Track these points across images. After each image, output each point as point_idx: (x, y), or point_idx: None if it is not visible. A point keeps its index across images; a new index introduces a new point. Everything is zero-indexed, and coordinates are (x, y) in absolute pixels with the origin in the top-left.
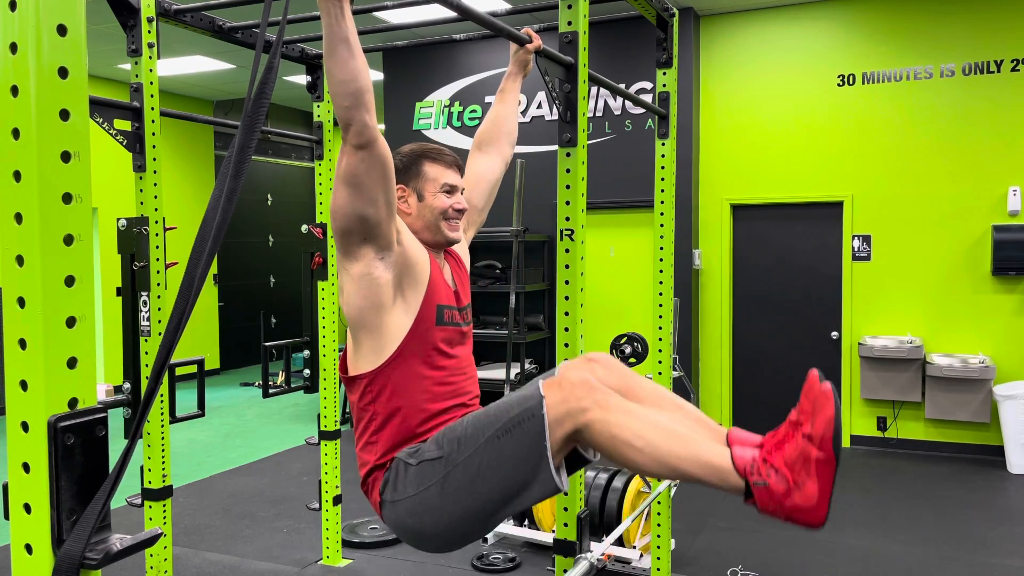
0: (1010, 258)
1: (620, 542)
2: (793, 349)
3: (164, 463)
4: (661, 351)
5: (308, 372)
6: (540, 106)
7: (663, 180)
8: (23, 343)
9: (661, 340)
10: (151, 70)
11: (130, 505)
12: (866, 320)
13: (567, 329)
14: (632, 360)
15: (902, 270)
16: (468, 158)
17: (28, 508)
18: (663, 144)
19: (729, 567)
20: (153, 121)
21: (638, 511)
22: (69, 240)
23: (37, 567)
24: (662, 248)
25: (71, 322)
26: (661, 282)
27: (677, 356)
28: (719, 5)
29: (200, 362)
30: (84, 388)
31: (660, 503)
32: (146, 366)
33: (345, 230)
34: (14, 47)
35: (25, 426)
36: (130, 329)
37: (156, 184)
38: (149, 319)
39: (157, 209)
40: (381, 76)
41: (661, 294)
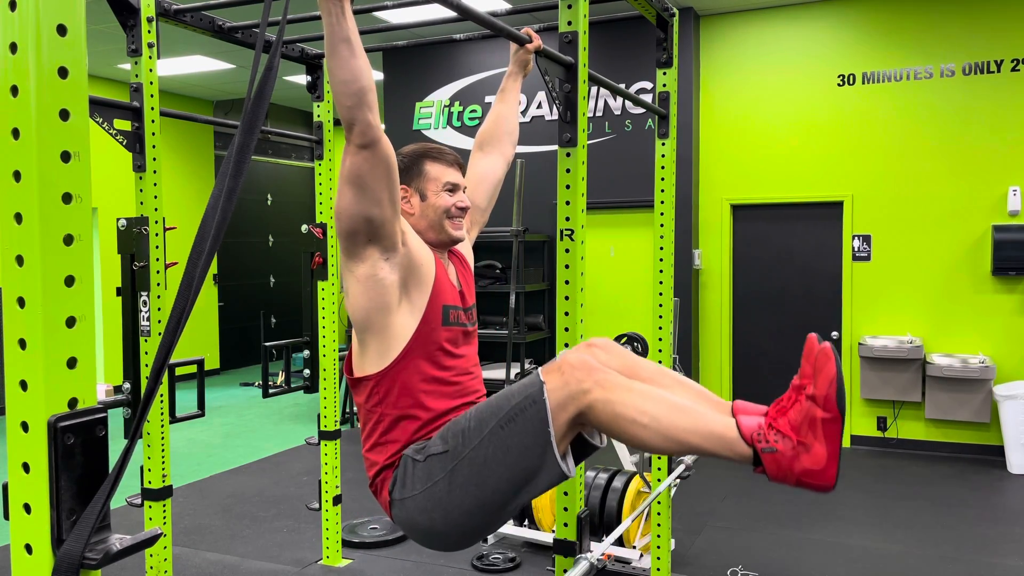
0: (1010, 258)
1: (620, 542)
2: (793, 349)
3: (164, 463)
4: (661, 351)
5: (308, 372)
6: (540, 106)
7: (663, 180)
8: (23, 343)
9: (661, 340)
10: (151, 70)
11: (130, 505)
12: (866, 320)
13: (567, 329)
14: None
15: (902, 270)
16: (470, 158)
17: (28, 508)
18: (663, 144)
19: (729, 567)
20: (153, 121)
21: (638, 511)
22: (69, 240)
23: (37, 567)
24: (662, 248)
25: (71, 322)
26: (661, 282)
27: (677, 356)
28: (719, 5)
29: (200, 362)
30: (84, 388)
31: (660, 503)
32: (146, 366)
33: (350, 231)
34: (14, 47)
35: (25, 426)
36: (130, 329)
37: (156, 184)
38: (149, 319)
39: (157, 209)
40: (381, 76)
41: (661, 294)
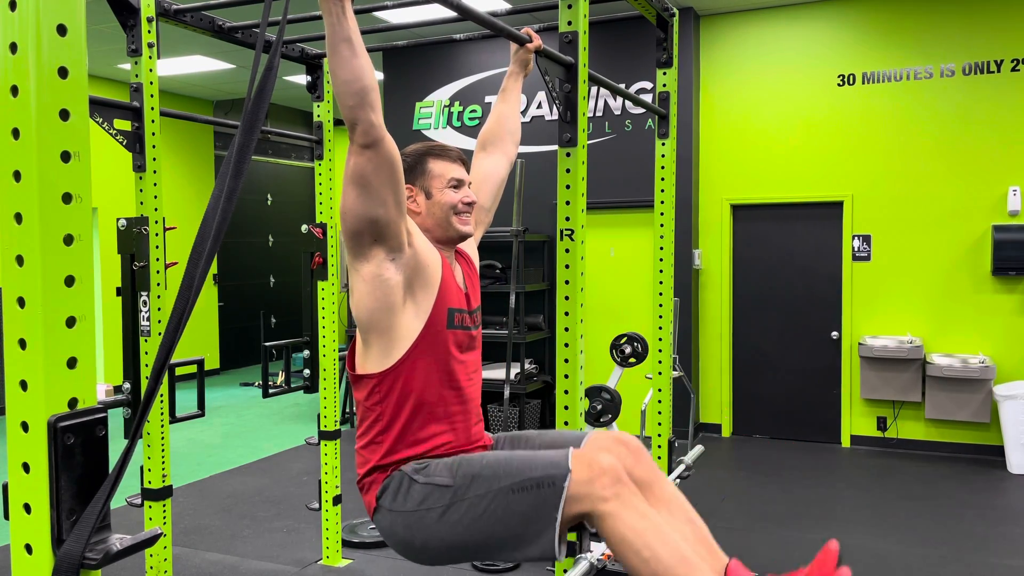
0: (1010, 258)
1: None
2: (793, 349)
3: (164, 463)
4: (661, 351)
5: (308, 372)
6: (540, 106)
7: (663, 180)
8: (23, 343)
9: (661, 340)
10: (151, 70)
11: (130, 505)
12: (866, 320)
13: (567, 329)
14: (632, 360)
15: (902, 270)
16: (473, 159)
17: (28, 508)
18: (663, 144)
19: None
20: (153, 121)
21: None
22: (69, 240)
23: (37, 567)
24: (662, 248)
25: (71, 322)
26: (661, 282)
27: (677, 356)
28: (719, 5)
29: (200, 362)
30: (84, 388)
31: None
32: (146, 366)
33: (355, 231)
34: (14, 47)
35: (25, 426)
36: (130, 329)
37: (156, 184)
38: (149, 319)
39: (157, 209)
40: (381, 76)
41: (661, 294)
